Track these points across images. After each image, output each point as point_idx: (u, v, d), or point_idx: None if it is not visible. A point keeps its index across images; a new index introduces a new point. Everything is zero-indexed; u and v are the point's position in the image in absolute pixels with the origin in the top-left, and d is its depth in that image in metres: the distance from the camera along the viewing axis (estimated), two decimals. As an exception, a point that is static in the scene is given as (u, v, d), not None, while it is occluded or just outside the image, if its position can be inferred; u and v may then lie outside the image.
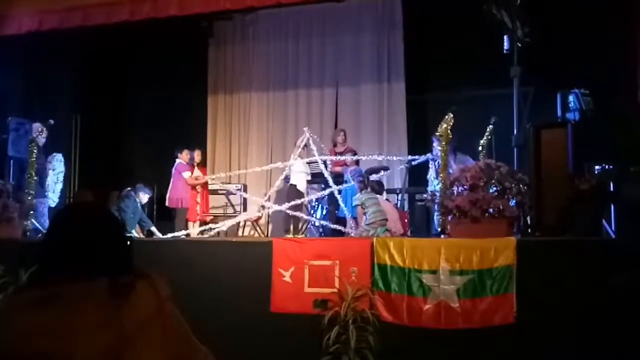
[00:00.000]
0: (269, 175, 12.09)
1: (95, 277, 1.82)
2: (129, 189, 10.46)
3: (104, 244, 1.91)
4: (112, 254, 1.91)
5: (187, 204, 10.28)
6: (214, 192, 11.08)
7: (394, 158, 10.64)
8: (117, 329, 1.75)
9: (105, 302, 1.78)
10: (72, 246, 1.88)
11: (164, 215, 10.98)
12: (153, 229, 10.21)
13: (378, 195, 9.06)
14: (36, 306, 1.76)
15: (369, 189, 8.77)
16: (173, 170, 10.34)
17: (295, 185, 10.49)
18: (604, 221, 6.96)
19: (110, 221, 2.01)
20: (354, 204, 8.72)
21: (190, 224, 10.21)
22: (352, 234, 8.52)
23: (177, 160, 10.36)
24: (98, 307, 1.77)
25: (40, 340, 1.72)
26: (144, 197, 10.35)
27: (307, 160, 10.43)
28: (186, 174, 10.27)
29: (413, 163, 9.92)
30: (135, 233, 10.02)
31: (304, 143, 10.33)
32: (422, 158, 9.70)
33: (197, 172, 10.69)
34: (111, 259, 1.89)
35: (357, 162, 10.30)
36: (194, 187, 10.42)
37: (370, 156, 10.39)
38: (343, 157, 10.12)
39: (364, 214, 8.50)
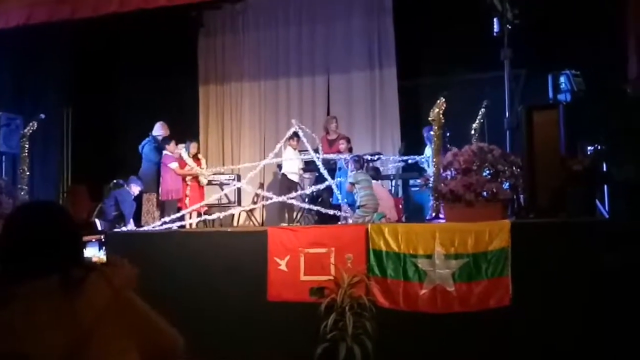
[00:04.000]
0: (263, 165, 12.07)
1: (48, 274, 1.84)
2: (120, 181, 10.43)
3: (55, 241, 1.93)
4: (63, 251, 1.93)
5: (178, 195, 10.27)
6: (208, 182, 11.06)
7: (390, 158, 10.67)
8: (73, 323, 1.77)
9: (58, 298, 1.80)
10: (24, 245, 1.91)
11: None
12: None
13: (374, 181, 9.06)
14: None
15: (364, 170, 8.76)
16: (161, 163, 10.35)
17: (286, 175, 10.50)
18: (597, 201, 6.98)
19: (62, 218, 2.03)
20: (348, 181, 8.70)
21: (186, 215, 10.18)
22: (350, 220, 8.52)
23: (164, 152, 10.33)
24: (52, 304, 1.79)
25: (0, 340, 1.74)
26: (135, 188, 10.32)
27: (299, 149, 10.44)
28: (173, 165, 10.25)
29: (410, 162, 9.97)
30: (132, 224, 10.00)
31: (289, 134, 10.30)
32: (416, 158, 9.78)
33: (192, 164, 10.67)
34: (63, 255, 1.91)
35: (350, 150, 10.30)
36: (184, 178, 10.41)
37: (365, 156, 10.33)
38: (339, 156, 10.01)
39: (354, 193, 8.48)
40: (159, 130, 10.49)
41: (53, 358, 1.73)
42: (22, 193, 9.18)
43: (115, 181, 10.50)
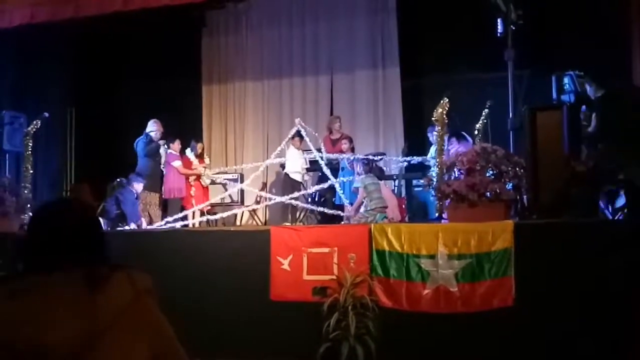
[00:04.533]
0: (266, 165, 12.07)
1: (73, 269, 1.86)
2: (123, 180, 10.43)
3: (81, 238, 1.95)
4: (88, 248, 1.95)
5: (181, 193, 10.28)
6: (212, 182, 11.07)
7: (394, 159, 10.63)
8: (91, 318, 1.78)
9: (80, 292, 1.81)
10: (50, 240, 1.92)
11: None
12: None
13: (379, 181, 9.06)
14: (12, 297, 1.80)
15: (371, 174, 8.76)
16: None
17: (289, 175, 10.50)
18: (600, 202, 6.97)
19: (88, 216, 2.05)
20: (355, 185, 8.69)
21: (189, 214, 10.18)
22: (352, 220, 8.51)
23: (168, 151, 10.34)
24: (73, 297, 1.80)
25: (15, 329, 1.75)
26: (138, 186, 10.31)
27: (303, 149, 10.45)
28: (176, 163, 10.26)
29: (412, 162, 9.92)
30: (134, 224, 9.98)
31: (292, 134, 10.30)
32: (419, 159, 9.73)
33: (197, 164, 10.68)
34: (88, 252, 1.93)
35: (352, 150, 10.29)
36: (187, 178, 10.42)
37: (368, 156, 10.28)
38: (342, 156, 9.98)
39: (364, 198, 8.49)
40: (152, 127, 10.46)
41: (64, 349, 1.74)
42: (26, 191, 9.18)
43: (117, 180, 10.49)
